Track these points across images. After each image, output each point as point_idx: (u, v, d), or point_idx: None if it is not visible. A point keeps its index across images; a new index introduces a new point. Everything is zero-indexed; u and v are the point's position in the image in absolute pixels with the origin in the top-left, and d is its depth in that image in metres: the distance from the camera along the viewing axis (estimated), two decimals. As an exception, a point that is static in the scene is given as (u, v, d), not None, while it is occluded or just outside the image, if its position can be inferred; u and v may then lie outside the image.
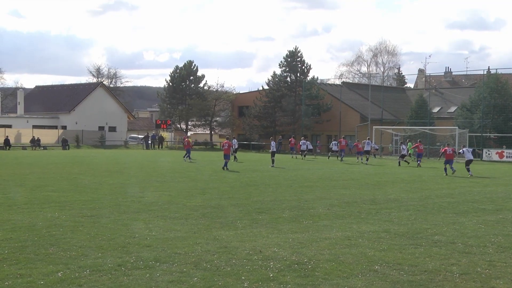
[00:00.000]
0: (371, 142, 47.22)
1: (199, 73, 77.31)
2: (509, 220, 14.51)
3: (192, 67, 76.80)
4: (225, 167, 31.53)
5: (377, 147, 53.07)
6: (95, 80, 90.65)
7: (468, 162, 32.53)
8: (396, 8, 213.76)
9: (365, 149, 44.35)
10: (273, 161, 36.47)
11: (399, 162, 40.55)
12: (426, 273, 8.99)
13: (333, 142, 49.30)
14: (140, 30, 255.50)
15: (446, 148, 33.73)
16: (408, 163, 40.30)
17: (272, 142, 39.00)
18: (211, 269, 9.08)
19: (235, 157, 40.01)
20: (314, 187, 22.51)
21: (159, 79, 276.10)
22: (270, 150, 38.26)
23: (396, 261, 9.69)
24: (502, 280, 8.69)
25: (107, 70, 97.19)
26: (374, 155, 51.24)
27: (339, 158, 45.76)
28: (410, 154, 45.18)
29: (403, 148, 42.54)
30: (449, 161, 32.38)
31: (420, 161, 40.14)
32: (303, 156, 48.44)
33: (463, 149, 34.45)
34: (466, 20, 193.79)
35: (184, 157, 40.18)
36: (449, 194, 20.88)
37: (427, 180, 27.11)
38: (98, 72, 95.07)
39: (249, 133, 68.75)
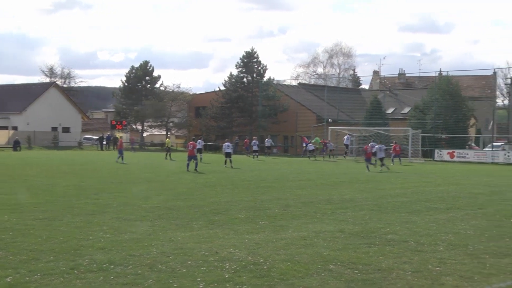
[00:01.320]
0: (350, 137, 49.37)
1: (155, 74, 76.83)
2: (459, 218, 14.86)
3: (148, 67, 76.16)
4: (189, 168, 31.31)
5: (333, 147, 53.69)
6: (48, 80, 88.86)
7: (381, 160, 35.86)
8: (351, 10, 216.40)
9: (345, 142, 48.17)
10: (225, 162, 36.49)
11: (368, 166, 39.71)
12: (380, 272, 9.12)
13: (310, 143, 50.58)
14: (95, 30, 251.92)
15: (367, 146, 37.18)
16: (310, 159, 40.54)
17: (225, 143, 38.89)
18: (166, 270, 9.02)
19: (201, 159, 39.77)
20: (271, 187, 22.59)
21: (114, 79, 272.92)
22: (224, 151, 38.25)
23: (350, 260, 9.81)
24: (451, 277, 8.89)
25: (60, 70, 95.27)
26: (329, 156, 51.77)
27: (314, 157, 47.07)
28: (317, 148, 49.07)
29: (372, 145, 43.53)
30: (368, 159, 35.35)
31: (393, 161, 42.66)
32: (254, 156, 48.63)
33: (377, 146, 37.01)
34: (418, 23, 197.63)
35: (117, 158, 38.99)
36: (403, 193, 21.24)
37: (382, 180, 27.51)
38: (51, 72, 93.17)
39: (206, 134, 68.57)
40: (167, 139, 53.45)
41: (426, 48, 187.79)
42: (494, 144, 56.10)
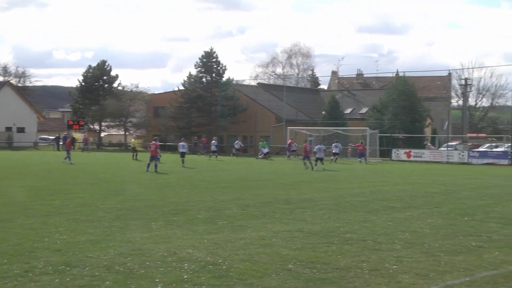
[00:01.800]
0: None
1: (112, 73, 75.93)
2: (416, 217, 15.10)
3: (106, 66, 75.22)
4: (150, 168, 30.96)
5: (296, 148, 54.05)
6: (1, 79, 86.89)
7: (319, 159, 36.37)
8: (310, 10, 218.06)
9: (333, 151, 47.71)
10: (183, 162, 36.68)
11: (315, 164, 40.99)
12: (338, 271, 9.20)
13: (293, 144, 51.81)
14: (50, 28, 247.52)
15: (306, 145, 38.95)
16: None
17: (181, 143, 38.78)
18: (124, 272, 8.92)
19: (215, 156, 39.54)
20: (230, 188, 22.57)
21: (71, 78, 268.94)
22: (180, 151, 38.16)
23: (309, 260, 9.86)
24: (408, 274, 9.03)
25: (15, 68, 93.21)
26: (290, 156, 52.00)
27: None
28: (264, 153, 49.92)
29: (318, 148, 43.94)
30: (307, 157, 36.96)
31: (361, 160, 45.20)
32: (210, 156, 48.57)
33: (317, 146, 37.94)
34: (375, 24, 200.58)
35: (64, 159, 38.06)
36: (361, 193, 21.48)
37: (341, 180, 27.77)
38: (5, 71, 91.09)
39: (165, 133, 68.11)
40: (133, 139, 52.72)
41: (383, 49, 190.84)
42: (449, 144, 57.30)
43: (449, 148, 53.33)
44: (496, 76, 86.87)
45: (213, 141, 51.44)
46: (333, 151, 47.54)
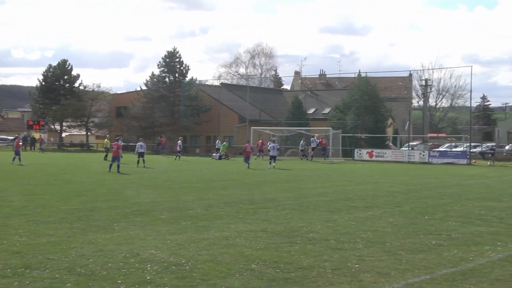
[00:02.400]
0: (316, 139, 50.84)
1: (73, 73, 74.86)
2: (378, 216, 15.28)
3: (66, 66, 74.15)
4: (112, 169, 30.74)
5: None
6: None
7: (272, 157, 38.28)
8: (273, 11, 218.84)
9: (312, 146, 49.84)
10: (138, 162, 36.65)
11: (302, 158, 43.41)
12: (301, 270, 9.25)
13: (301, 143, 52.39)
14: (8, 26, 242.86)
15: (246, 145, 40.50)
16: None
17: (138, 143, 38.53)
18: (85, 273, 8.81)
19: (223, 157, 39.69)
20: (193, 188, 22.50)
21: (31, 78, 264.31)
22: (137, 151, 37.93)
23: (272, 260, 9.90)
24: (369, 273, 9.14)
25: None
26: (259, 156, 52.10)
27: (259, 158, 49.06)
28: (226, 154, 50.95)
29: (301, 144, 49.13)
30: (247, 158, 38.68)
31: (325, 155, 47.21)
32: (179, 156, 48.41)
33: (271, 145, 39.68)
34: (337, 25, 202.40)
35: (13, 160, 37.28)
36: (324, 193, 21.63)
37: (304, 180, 27.92)
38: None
39: (128, 134, 67.56)
40: (106, 139, 51.61)
41: (346, 50, 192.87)
42: (411, 143, 58.15)
43: (410, 148, 54.12)
44: (455, 77, 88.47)
45: (178, 142, 51.25)
46: (300, 149, 50.14)
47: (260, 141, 52.32)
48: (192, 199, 18.60)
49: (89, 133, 75.26)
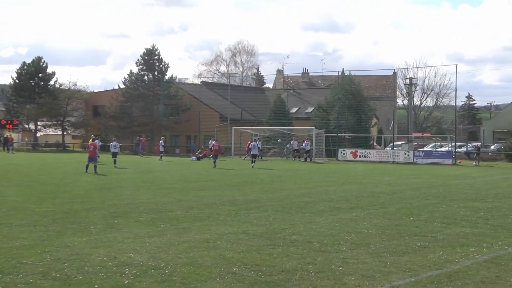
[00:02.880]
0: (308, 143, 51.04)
1: (49, 70, 74.20)
2: (362, 217, 15.34)
3: (41, 63, 73.46)
4: (88, 170, 30.58)
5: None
6: None
7: (254, 156, 39.83)
8: (254, 8, 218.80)
9: (306, 148, 49.80)
10: (115, 162, 36.69)
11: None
12: (284, 273, 9.25)
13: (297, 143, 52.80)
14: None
15: (214, 144, 40.91)
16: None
17: (112, 143, 38.39)
18: (61, 278, 8.73)
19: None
20: (173, 189, 22.43)
21: (3, 75, 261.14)
22: (111, 151, 37.84)
23: (254, 262, 9.89)
24: (354, 276, 9.16)
25: None
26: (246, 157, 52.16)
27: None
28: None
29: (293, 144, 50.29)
30: (215, 156, 39.34)
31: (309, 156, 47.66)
32: (160, 157, 48.41)
33: (253, 143, 40.81)
34: (319, 23, 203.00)
35: None
36: (307, 193, 21.68)
37: (286, 181, 27.96)
38: None
39: (105, 133, 67.18)
40: (91, 139, 50.77)
41: (329, 48, 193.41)
42: (395, 143, 58.50)
43: (394, 148, 54.45)
44: (440, 75, 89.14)
45: (160, 141, 51.12)
46: (294, 149, 51.02)
47: (249, 142, 52.28)
48: (171, 200, 18.54)
49: (65, 133, 74.65)
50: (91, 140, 33.58)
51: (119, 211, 15.77)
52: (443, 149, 57.17)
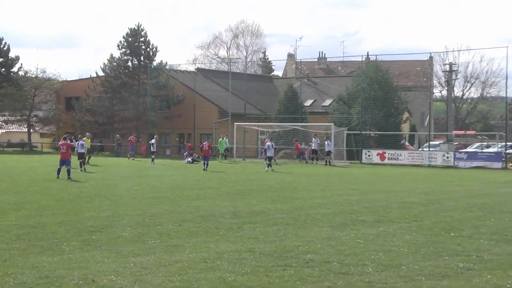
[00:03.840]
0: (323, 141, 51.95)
1: (11, 54, 74.32)
2: (391, 233, 15.31)
3: (2, 46, 73.63)
4: (60, 175, 30.70)
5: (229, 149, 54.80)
6: None
7: (269, 158, 40.69)
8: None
9: (313, 147, 51.50)
10: (81, 165, 37.06)
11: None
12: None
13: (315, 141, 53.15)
14: None
15: (204, 143, 42.60)
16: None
17: (78, 142, 38.44)
18: (28, 306, 8.76)
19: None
20: (163, 198, 22.45)
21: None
22: (78, 151, 38.00)
23: (261, 286, 9.89)
24: (383, 304, 9.16)
25: None
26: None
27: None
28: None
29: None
30: (206, 157, 41.33)
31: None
32: (152, 160, 48.59)
33: (268, 143, 41.98)
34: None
35: None
36: (324, 204, 21.65)
37: (299, 188, 27.94)
38: None
39: (80, 131, 67.30)
40: (86, 138, 50.29)
41: (349, 27, 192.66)
42: (432, 143, 58.40)
43: (431, 149, 54.39)
44: (486, 60, 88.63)
45: (152, 141, 51.15)
46: (327, 150, 51.00)
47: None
48: (161, 212, 18.56)
49: (31, 130, 74.86)
50: (63, 139, 33.60)
51: (97, 225, 15.79)
52: (490, 150, 57.02)
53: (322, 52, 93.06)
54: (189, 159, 49.72)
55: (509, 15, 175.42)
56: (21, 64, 75.28)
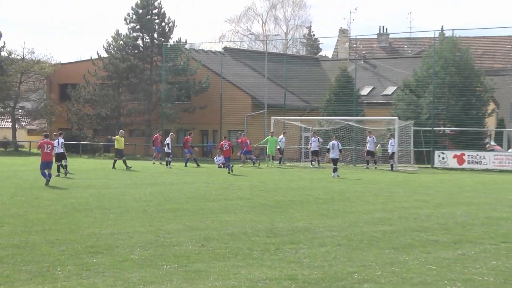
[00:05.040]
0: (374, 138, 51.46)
1: (-8, 32, 75.16)
2: (472, 257, 15.18)
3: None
4: (48, 180, 31.14)
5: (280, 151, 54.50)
6: None
7: (334, 161, 41.53)
8: None
9: (368, 148, 51.03)
10: (58, 168, 37.55)
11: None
12: None
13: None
14: None
15: (223, 143, 44.12)
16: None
17: (58, 139, 38.72)
18: None
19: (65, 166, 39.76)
20: (181, 211, 22.52)
21: None
22: (56, 152, 38.39)
23: (305, 324, 9.90)
24: None
25: None
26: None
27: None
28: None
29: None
30: (227, 159, 43.40)
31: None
32: (167, 163, 48.74)
33: (332, 142, 42.11)
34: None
35: None
36: (385, 219, 21.56)
37: (353, 199, 27.83)
38: None
39: (78, 126, 67.79)
40: (118, 136, 49.75)
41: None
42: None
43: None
44: None
45: (167, 139, 51.00)
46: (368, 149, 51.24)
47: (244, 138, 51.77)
48: (179, 228, 18.63)
49: (17, 126, 75.42)
50: (43, 137, 33.84)
51: (99, 245, 15.88)
52: None
53: (383, 27, 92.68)
54: (219, 158, 49.56)
55: None
56: (4, 43, 75.84)
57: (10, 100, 72.90)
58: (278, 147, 53.36)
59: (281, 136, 54.00)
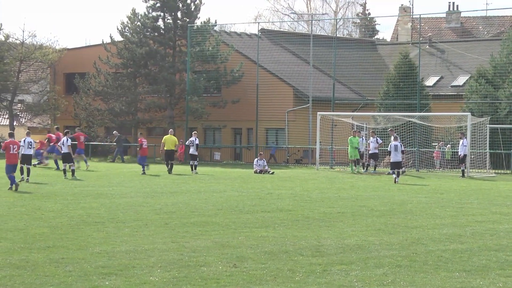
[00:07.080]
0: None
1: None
2: (561, 281, 15.12)
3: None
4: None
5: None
6: None
7: (395, 165, 42.19)
8: None
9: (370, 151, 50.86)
10: (22, 171, 37.75)
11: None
12: None
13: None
14: None
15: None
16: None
17: (25, 139, 38.96)
18: None
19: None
20: (209, 225, 22.58)
21: None
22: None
23: None
24: None
25: None
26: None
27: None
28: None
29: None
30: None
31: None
32: (193, 167, 48.87)
33: (393, 143, 42.51)
34: None
35: None
36: (455, 235, 21.49)
37: (415, 211, 27.77)
38: None
39: (87, 124, 68.07)
40: (170, 135, 49.70)
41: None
42: None
43: None
44: None
45: (191, 139, 50.74)
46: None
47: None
48: (207, 245, 18.70)
49: (15, 123, 75.87)
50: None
51: (112, 265, 15.97)
52: None
53: (453, 3, 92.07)
54: (259, 163, 49.34)
55: None
56: (1, 25, 76.24)
57: (7, 93, 73.32)
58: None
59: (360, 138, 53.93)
